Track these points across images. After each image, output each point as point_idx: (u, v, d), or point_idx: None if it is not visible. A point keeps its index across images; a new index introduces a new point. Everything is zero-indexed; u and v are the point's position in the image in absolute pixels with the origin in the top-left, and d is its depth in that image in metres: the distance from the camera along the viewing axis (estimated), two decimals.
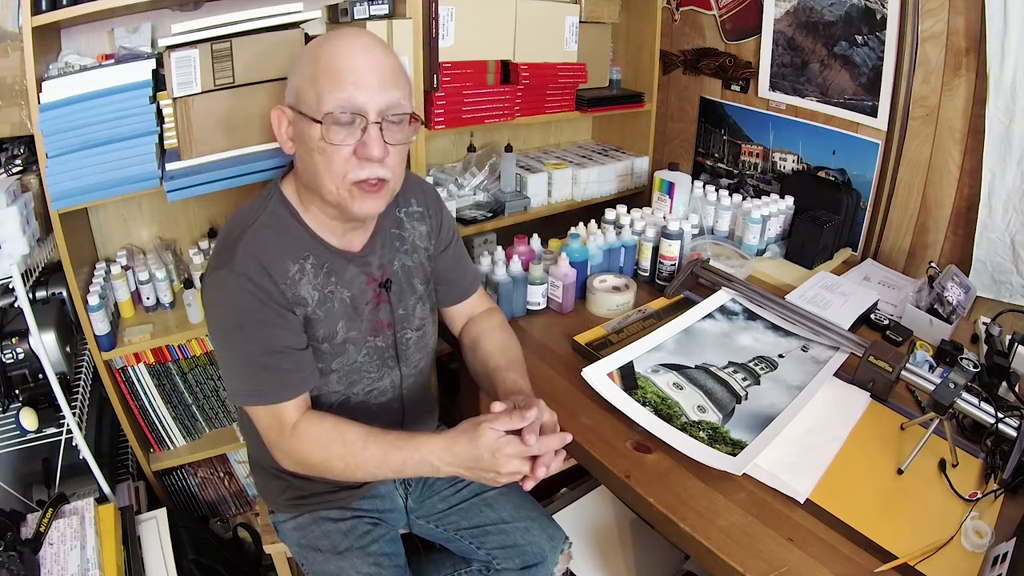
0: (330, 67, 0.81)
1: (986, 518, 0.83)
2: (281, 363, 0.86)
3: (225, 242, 0.87)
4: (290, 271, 0.87)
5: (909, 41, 1.44)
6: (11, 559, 0.95)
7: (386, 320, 0.99)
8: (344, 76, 0.81)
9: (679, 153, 2.13)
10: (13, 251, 1.08)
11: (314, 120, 0.81)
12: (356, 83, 0.81)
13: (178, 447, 1.53)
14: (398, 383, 1.03)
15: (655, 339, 1.16)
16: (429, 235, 1.05)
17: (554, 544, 1.07)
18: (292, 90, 0.86)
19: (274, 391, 0.86)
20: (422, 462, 0.83)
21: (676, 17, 1.99)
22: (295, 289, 0.88)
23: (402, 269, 1.01)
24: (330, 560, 1.00)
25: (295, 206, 0.91)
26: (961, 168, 1.44)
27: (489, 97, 1.59)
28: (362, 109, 0.81)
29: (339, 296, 0.93)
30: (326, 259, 0.91)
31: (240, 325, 0.85)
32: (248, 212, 0.90)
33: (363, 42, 0.83)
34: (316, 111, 0.81)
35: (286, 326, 0.87)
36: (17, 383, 1.19)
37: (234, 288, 0.84)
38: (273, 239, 0.88)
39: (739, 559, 0.77)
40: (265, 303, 0.84)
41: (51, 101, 1.09)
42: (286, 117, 0.88)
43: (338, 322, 0.93)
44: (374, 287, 0.97)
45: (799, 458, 0.92)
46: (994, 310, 1.31)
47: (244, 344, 0.85)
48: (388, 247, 0.99)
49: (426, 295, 1.05)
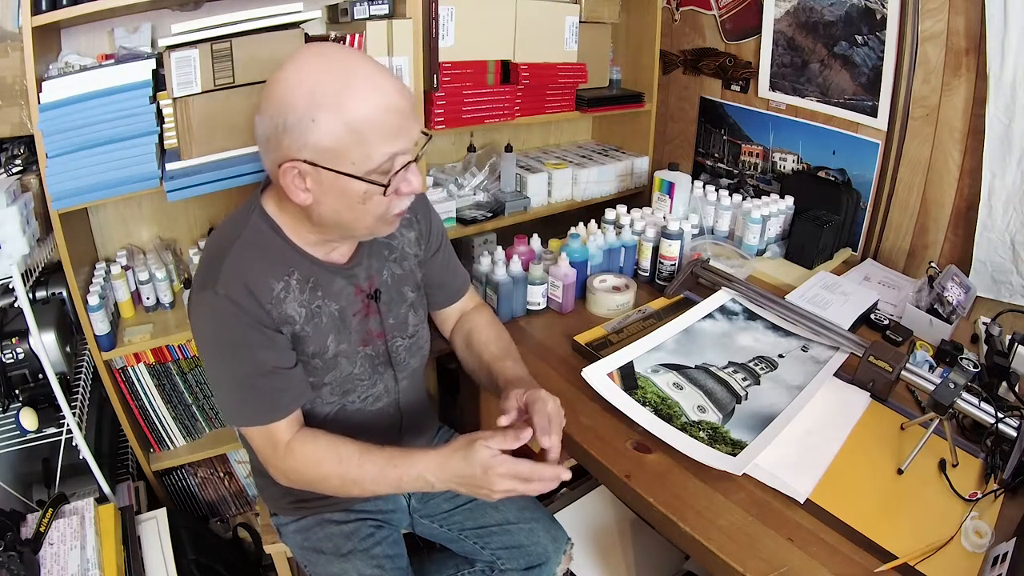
0: (374, 118, 0.75)
1: (986, 518, 0.83)
2: (271, 383, 0.85)
3: (208, 261, 0.85)
4: (275, 290, 0.85)
5: (909, 41, 1.44)
6: (11, 559, 0.95)
7: (376, 330, 0.97)
8: (392, 125, 0.77)
9: (679, 153, 2.13)
10: (13, 251, 1.07)
11: (360, 179, 0.77)
12: (401, 128, 0.78)
13: (178, 447, 1.53)
14: (393, 387, 1.03)
15: (655, 339, 1.16)
16: (418, 240, 1.03)
17: (557, 545, 1.07)
18: (312, 147, 0.76)
19: (265, 411, 0.85)
20: (418, 478, 0.83)
21: (676, 17, 1.99)
22: (281, 308, 0.86)
23: (392, 278, 0.99)
24: (333, 562, 1.00)
25: (277, 221, 0.88)
26: (961, 168, 1.44)
27: (489, 97, 1.59)
28: (407, 151, 0.79)
29: (327, 310, 0.91)
30: (311, 273, 0.89)
31: (227, 347, 0.84)
32: (230, 229, 0.87)
33: (395, 84, 0.78)
34: (361, 169, 0.77)
35: (273, 347, 0.85)
36: (17, 383, 1.19)
37: (219, 311, 0.82)
38: (256, 257, 0.85)
39: (739, 559, 0.77)
40: (251, 325, 0.83)
41: (51, 101, 1.08)
42: (299, 172, 0.78)
43: (327, 336, 0.91)
44: (362, 298, 0.95)
45: (799, 458, 0.92)
46: (994, 310, 1.31)
47: (232, 366, 0.85)
48: (376, 257, 0.97)
49: (417, 301, 1.04)
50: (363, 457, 0.84)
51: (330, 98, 0.74)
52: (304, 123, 0.75)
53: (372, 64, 0.78)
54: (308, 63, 0.77)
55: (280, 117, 0.76)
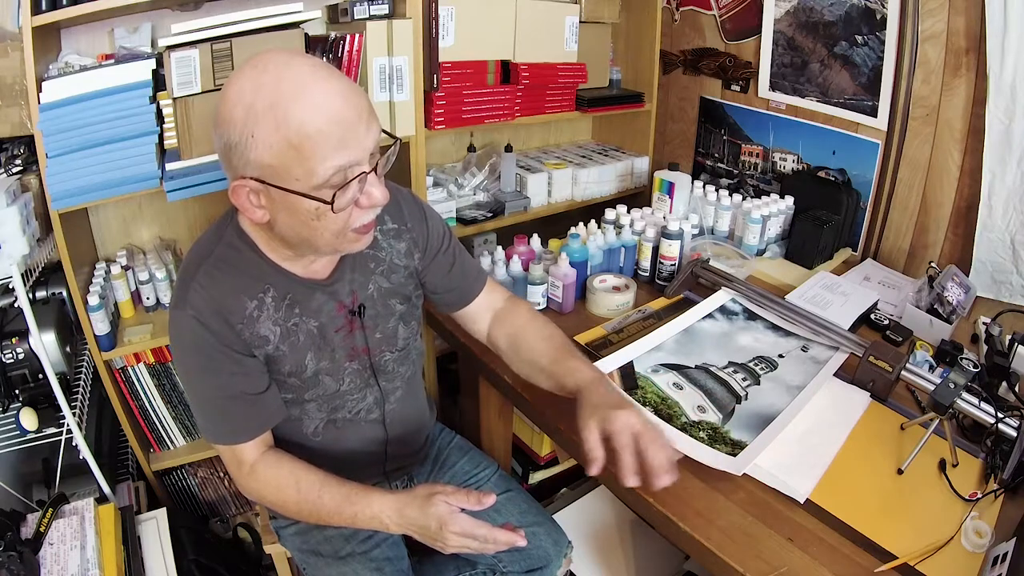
0: (314, 134, 0.69)
1: (986, 518, 0.83)
2: (237, 408, 0.85)
3: (182, 279, 0.84)
4: (247, 309, 0.83)
5: (909, 41, 1.44)
6: (11, 559, 0.95)
7: (361, 346, 0.95)
8: (336, 140, 0.70)
9: (679, 153, 2.13)
10: (13, 251, 1.08)
11: (305, 196, 0.72)
12: (346, 139, 0.71)
13: (178, 447, 1.53)
14: (380, 399, 1.01)
15: (655, 339, 1.16)
16: (410, 252, 0.98)
17: (558, 548, 1.07)
18: (255, 164, 0.72)
19: (231, 433, 0.86)
20: (373, 518, 0.84)
21: (676, 17, 1.99)
22: (253, 328, 0.84)
23: (378, 291, 0.95)
24: (332, 565, 1.00)
25: (252, 236, 0.85)
26: (961, 168, 1.44)
27: (489, 97, 1.59)
28: (359, 162, 0.74)
29: (304, 328, 0.88)
30: (288, 290, 0.86)
31: (196, 368, 0.84)
32: (204, 245, 0.86)
33: (337, 87, 0.71)
34: (307, 185, 0.72)
35: (241, 372, 0.84)
36: (17, 383, 1.19)
37: (189, 331, 0.81)
38: (229, 275, 0.83)
39: (739, 559, 0.77)
40: (219, 350, 0.82)
41: (51, 101, 1.09)
42: (251, 190, 0.75)
43: (305, 355, 0.89)
44: (345, 314, 0.92)
45: (799, 458, 0.92)
46: (994, 310, 1.31)
47: (200, 386, 0.85)
48: (360, 270, 0.93)
49: (408, 313, 1.00)
50: (323, 489, 0.85)
51: (266, 113, 0.69)
52: (245, 140, 0.71)
53: (315, 73, 0.71)
54: (246, 77, 0.71)
55: (224, 135, 0.72)
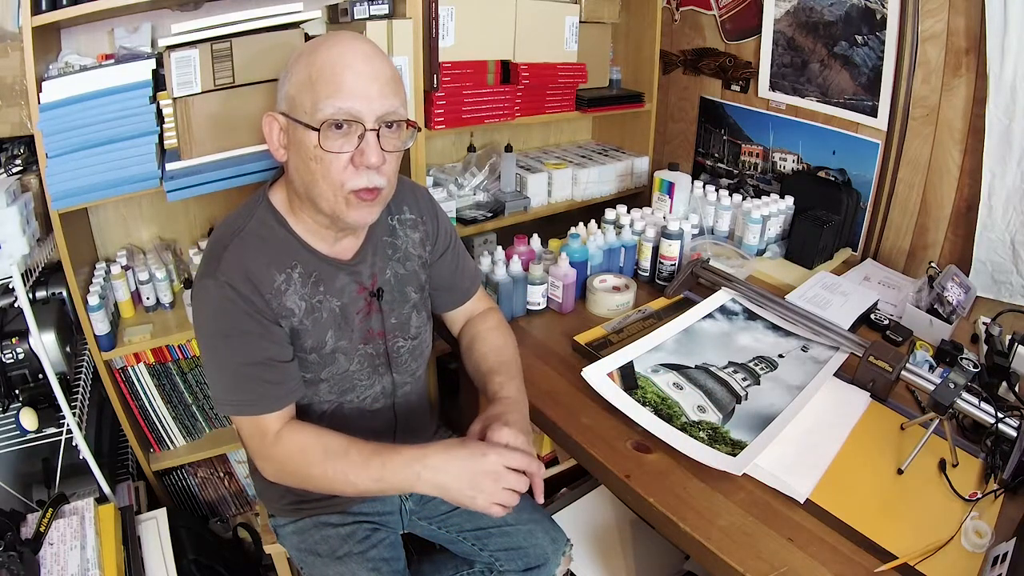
0: (327, 73, 0.79)
1: (986, 518, 0.83)
2: (264, 375, 0.85)
3: (212, 250, 0.86)
4: (276, 281, 0.86)
5: (909, 41, 1.44)
6: (11, 559, 0.95)
7: (377, 329, 0.97)
8: (342, 83, 0.78)
9: (679, 153, 2.13)
10: (13, 251, 1.07)
11: (309, 127, 0.79)
12: (354, 90, 0.79)
13: (178, 447, 1.53)
14: (390, 390, 1.02)
15: (655, 339, 1.16)
16: (423, 242, 1.03)
17: (556, 547, 1.07)
18: (285, 97, 0.83)
19: (257, 403, 0.85)
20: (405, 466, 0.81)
21: (676, 17, 1.99)
22: (281, 300, 0.86)
23: (395, 277, 0.99)
24: (329, 565, 1.00)
25: (283, 214, 0.90)
26: (961, 168, 1.44)
27: (489, 97, 1.59)
28: (360, 116, 0.80)
29: (328, 306, 0.91)
30: (315, 267, 0.90)
31: (223, 334, 0.84)
32: (235, 220, 0.89)
33: (363, 49, 0.81)
34: (312, 118, 0.79)
35: (270, 337, 0.85)
36: (17, 383, 1.19)
37: (218, 297, 0.82)
38: (260, 248, 0.86)
39: (739, 559, 0.77)
40: (249, 314, 0.83)
41: (51, 101, 1.08)
42: (278, 124, 0.85)
43: (327, 332, 0.91)
44: (365, 296, 0.95)
45: (799, 458, 0.92)
46: (994, 310, 1.31)
47: (227, 353, 0.84)
48: (380, 255, 0.97)
49: (421, 303, 1.03)
50: (351, 446, 0.83)
51: (304, 56, 0.82)
52: (285, 76, 0.84)
53: (356, 36, 0.83)
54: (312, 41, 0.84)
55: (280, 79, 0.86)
